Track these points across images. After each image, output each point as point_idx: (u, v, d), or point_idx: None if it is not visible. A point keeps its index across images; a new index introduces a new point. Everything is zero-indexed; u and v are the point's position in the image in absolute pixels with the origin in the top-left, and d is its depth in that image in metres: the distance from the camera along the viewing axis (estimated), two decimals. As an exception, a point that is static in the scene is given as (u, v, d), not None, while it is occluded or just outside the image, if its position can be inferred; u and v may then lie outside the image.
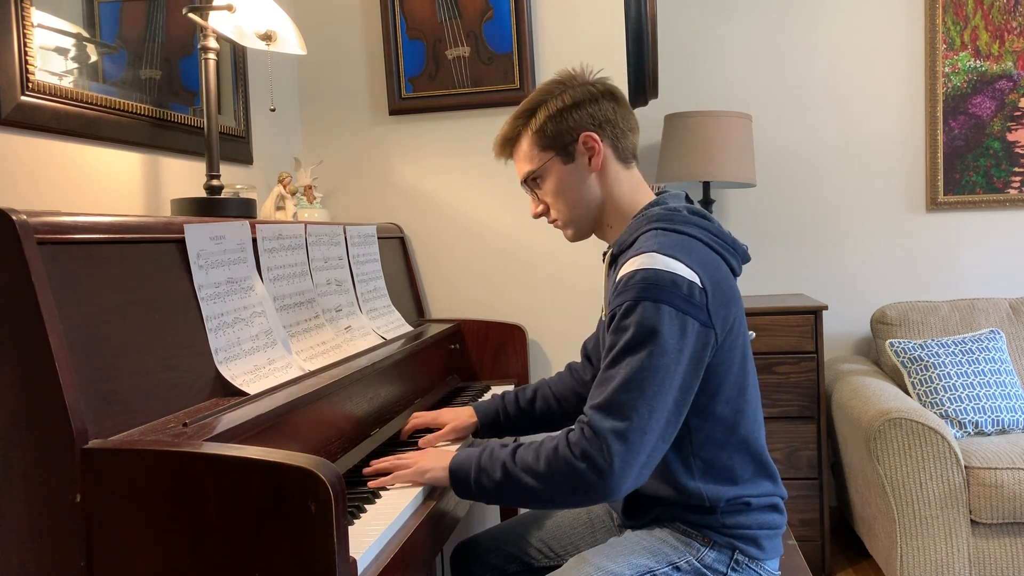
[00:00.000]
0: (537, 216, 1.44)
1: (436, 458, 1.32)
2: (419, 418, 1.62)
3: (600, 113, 1.36)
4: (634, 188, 1.39)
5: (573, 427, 1.23)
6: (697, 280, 1.21)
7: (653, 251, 1.22)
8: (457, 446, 1.55)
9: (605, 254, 1.42)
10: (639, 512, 1.37)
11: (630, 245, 1.31)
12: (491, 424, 1.64)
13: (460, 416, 1.62)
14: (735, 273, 1.34)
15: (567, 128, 1.35)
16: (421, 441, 1.55)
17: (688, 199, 1.40)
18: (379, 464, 1.36)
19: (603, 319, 1.39)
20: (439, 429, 1.60)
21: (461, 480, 1.28)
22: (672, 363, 1.18)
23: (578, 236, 1.43)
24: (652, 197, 1.39)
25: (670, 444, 1.22)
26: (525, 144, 1.39)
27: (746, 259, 1.38)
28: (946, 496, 2.30)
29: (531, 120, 1.38)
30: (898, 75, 3.16)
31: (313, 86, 2.44)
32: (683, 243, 1.25)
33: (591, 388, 1.24)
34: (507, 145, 1.42)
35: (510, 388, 2.11)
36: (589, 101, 1.36)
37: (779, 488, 1.35)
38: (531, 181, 1.41)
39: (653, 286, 1.19)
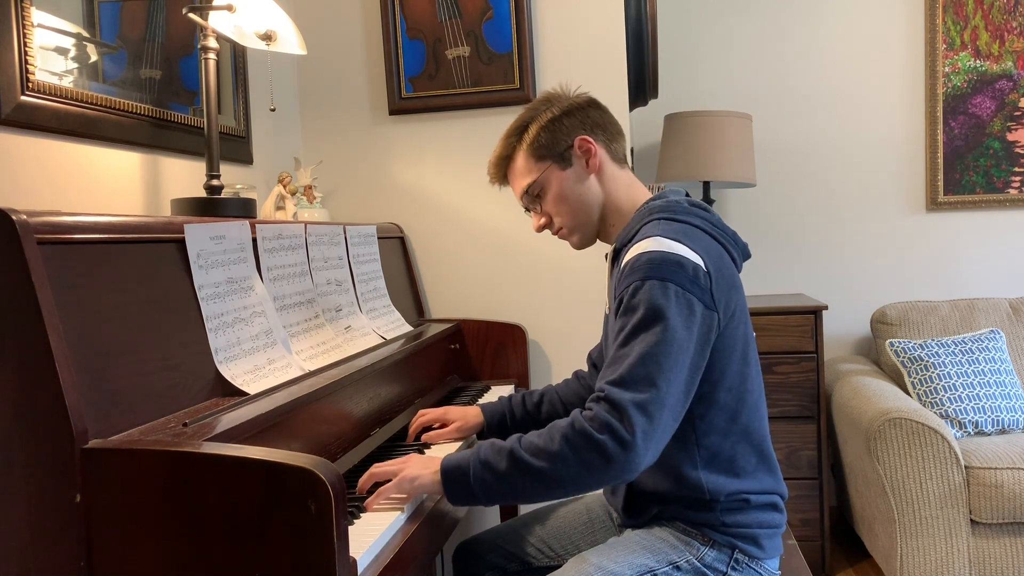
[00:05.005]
0: (540, 230, 1.45)
1: (422, 464, 1.23)
2: (425, 415, 1.62)
3: (589, 119, 1.40)
4: (630, 186, 1.43)
5: (585, 407, 1.19)
6: (701, 263, 1.23)
7: (657, 235, 1.25)
8: (446, 451, 1.49)
9: (607, 255, 1.43)
10: (639, 509, 1.37)
11: (631, 238, 1.32)
12: (498, 425, 1.64)
13: (467, 415, 1.62)
14: (736, 265, 1.35)
15: (561, 135, 1.38)
16: (425, 436, 1.57)
17: (687, 195, 1.41)
18: (362, 482, 1.25)
19: (607, 313, 1.40)
20: (444, 427, 1.60)
21: (457, 479, 1.19)
22: (684, 339, 1.19)
23: (584, 242, 1.44)
24: (649, 195, 1.42)
25: (678, 424, 1.21)
26: (520, 160, 1.41)
27: (746, 255, 1.39)
28: (946, 496, 2.30)
29: (524, 135, 1.41)
30: (898, 75, 3.16)
31: (313, 86, 2.44)
32: (686, 230, 1.27)
33: (601, 370, 1.23)
34: (502, 164, 1.45)
35: (510, 388, 2.12)
36: (577, 109, 1.40)
37: (779, 485, 1.36)
38: (531, 194, 1.42)
39: (660, 266, 1.21)
